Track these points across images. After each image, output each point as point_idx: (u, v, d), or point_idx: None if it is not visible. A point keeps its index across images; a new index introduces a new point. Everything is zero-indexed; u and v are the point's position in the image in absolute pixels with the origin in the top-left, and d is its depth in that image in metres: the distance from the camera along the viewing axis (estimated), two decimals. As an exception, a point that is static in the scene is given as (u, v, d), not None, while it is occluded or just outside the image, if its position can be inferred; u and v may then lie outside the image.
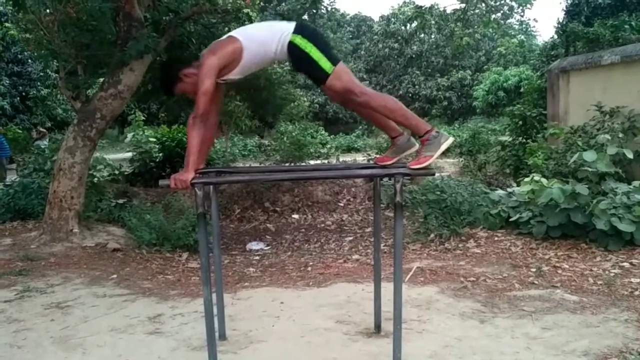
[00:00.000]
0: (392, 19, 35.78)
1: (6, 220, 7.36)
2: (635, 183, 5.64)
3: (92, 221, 6.66)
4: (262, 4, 9.61)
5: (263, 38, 2.89)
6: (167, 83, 3.09)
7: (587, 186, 5.52)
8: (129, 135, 11.96)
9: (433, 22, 11.38)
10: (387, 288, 3.36)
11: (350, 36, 45.29)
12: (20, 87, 19.31)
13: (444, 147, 2.83)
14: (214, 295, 3.09)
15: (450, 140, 2.88)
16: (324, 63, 2.81)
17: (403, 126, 3.08)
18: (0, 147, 14.56)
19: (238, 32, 2.94)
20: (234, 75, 2.95)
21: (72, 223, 6.23)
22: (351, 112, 38.94)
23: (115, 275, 5.14)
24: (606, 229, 5.05)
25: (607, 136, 6.48)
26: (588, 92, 7.72)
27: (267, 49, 2.89)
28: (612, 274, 4.47)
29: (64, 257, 5.69)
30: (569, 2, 16.77)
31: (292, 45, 2.83)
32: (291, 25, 2.89)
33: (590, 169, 5.90)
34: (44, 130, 16.98)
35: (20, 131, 19.04)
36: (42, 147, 10.79)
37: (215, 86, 2.86)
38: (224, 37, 3.00)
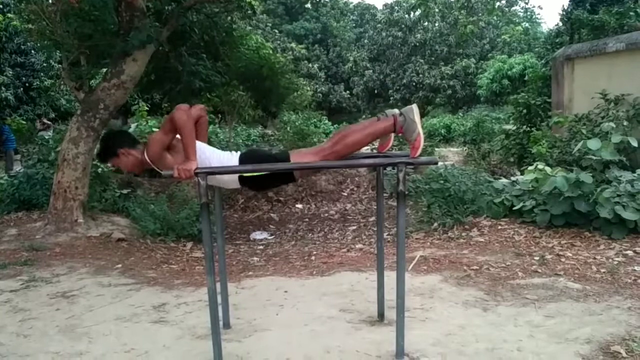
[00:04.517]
0: (396, 7, 35.50)
1: (11, 211, 7.38)
2: (640, 171, 5.62)
3: (96, 211, 6.69)
4: (264, -8, 9.56)
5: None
6: (104, 152, 3.21)
7: (591, 174, 5.50)
8: (133, 126, 11.99)
9: (437, 10, 11.35)
10: (390, 277, 3.38)
11: (354, 25, 45.07)
12: (24, 78, 19.25)
13: (416, 116, 2.86)
14: (218, 285, 3.11)
15: (413, 106, 2.91)
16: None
17: (378, 138, 3.11)
18: (7, 138, 14.63)
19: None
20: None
21: (77, 213, 6.25)
22: (354, 101, 38.82)
23: (120, 265, 5.18)
24: (610, 217, 5.03)
25: (612, 124, 6.45)
26: (593, 80, 7.67)
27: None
28: (615, 262, 4.47)
29: (69, 247, 5.73)
30: (574, -11, 16.59)
31: (243, 178, 3.01)
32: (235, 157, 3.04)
33: (594, 157, 5.88)
34: (49, 122, 17.01)
35: (24, 122, 19.04)
36: (46, 137, 10.82)
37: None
38: None
